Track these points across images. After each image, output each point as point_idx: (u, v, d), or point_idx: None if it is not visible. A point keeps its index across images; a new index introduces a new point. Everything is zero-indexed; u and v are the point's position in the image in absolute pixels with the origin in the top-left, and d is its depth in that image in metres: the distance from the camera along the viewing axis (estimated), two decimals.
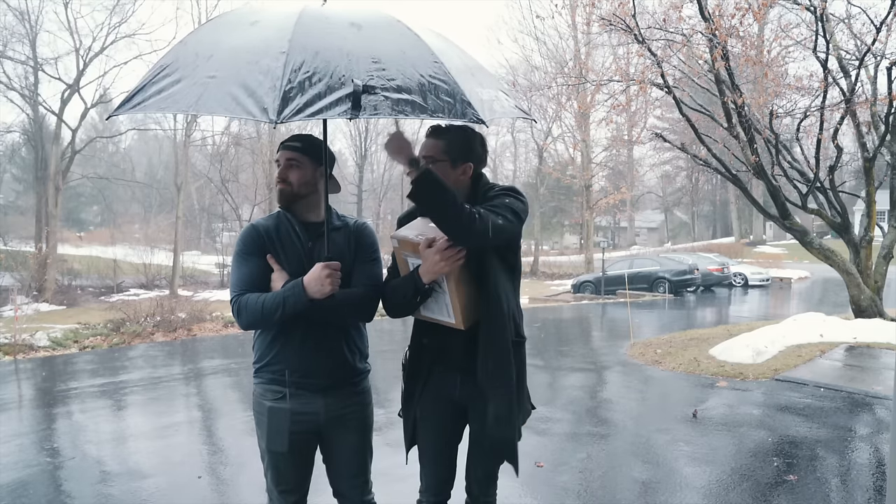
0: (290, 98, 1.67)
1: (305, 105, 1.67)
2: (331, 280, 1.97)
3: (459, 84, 1.85)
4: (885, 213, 10.40)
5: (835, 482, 3.89)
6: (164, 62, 1.90)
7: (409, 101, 1.78)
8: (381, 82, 1.76)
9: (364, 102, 1.72)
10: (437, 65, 1.87)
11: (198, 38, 2.00)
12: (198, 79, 1.79)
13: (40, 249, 23.10)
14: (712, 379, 6.71)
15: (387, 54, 1.85)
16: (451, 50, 2.06)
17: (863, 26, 8.64)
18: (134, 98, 1.86)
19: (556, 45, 30.47)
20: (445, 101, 1.82)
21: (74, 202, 45.16)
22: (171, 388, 7.10)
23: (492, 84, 2.15)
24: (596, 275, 22.42)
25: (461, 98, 1.83)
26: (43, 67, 25.35)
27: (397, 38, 1.94)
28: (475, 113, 1.82)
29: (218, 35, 2.00)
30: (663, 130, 20.37)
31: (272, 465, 2.18)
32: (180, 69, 1.84)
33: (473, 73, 2.06)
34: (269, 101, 1.66)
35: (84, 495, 3.90)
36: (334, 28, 1.91)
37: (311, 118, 1.68)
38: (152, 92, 1.83)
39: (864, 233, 9.25)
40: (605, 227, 54.25)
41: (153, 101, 1.82)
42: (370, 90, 1.73)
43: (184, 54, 1.91)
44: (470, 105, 1.82)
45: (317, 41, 1.81)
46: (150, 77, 1.87)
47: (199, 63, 1.85)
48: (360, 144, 46.13)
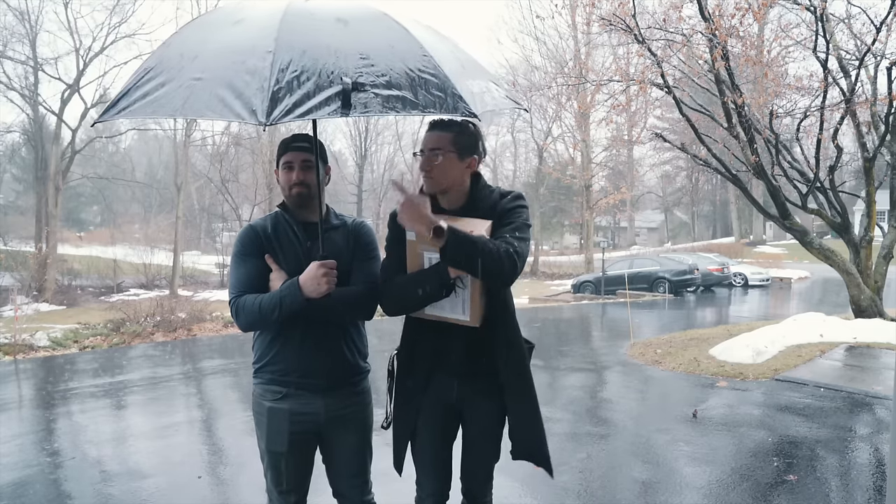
0: (279, 99, 1.63)
1: (294, 105, 1.64)
2: (327, 279, 1.95)
3: (450, 78, 1.82)
4: (885, 213, 10.40)
5: (835, 482, 3.88)
6: (147, 65, 1.86)
7: (399, 97, 1.75)
8: (370, 79, 1.73)
9: (354, 100, 1.70)
10: (426, 58, 1.83)
11: (181, 39, 1.96)
12: (183, 81, 1.75)
13: (40, 249, 23.12)
14: (712, 379, 6.71)
15: (375, 49, 1.81)
16: (440, 42, 2.02)
17: (863, 26, 8.65)
18: (119, 103, 1.82)
19: (556, 45, 30.51)
20: (436, 95, 1.79)
21: (74, 202, 45.16)
22: (171, 388, 7.10)
23: (482, 75, 2.11)
24: (596, 275, 22.42)
25: (452, 92, 1.80)
26: (43, 67, 25.41)
27: (385, 33, 1.90)
28: (466, 106, 1.79)
29: (202, 35, 1.95)
30: (663, 130, 20.37)
31: (272, 465, 2.17)
32: (165, 71, 1.80)
33: (464, 65, 2.03)
34: (258, 102, 1.62)
35: (84, 495, 3.90)
36: (320, 24, 1.87)
37: (300, 118, 1.65)
38: (137, 96, 1.79)
39: (864, 233, 9.25)
40: (605, 227, 54.24)
41: (138, 105, 1.78)
42: (360, 87, 1.71)
43: (168, 56, 1.87)
44: (461, 98, 1.79)
45: (303, 39, 1.78)
46: (135, 81, 1.83)
47: (183, 65, 1.80)
48: (360, 144, 46.14)
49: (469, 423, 2.17)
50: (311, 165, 2.10)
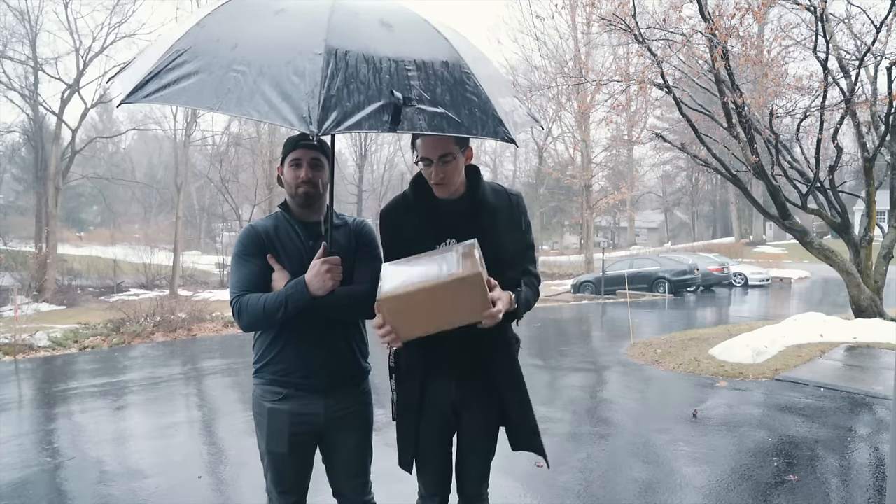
0: (330, 107, 1.53)
1: (345, 116, 1.55)
2: (331, 275, 1.93)
3: (490, 99, 1.76)
4: (885, 213, 10.40)
5: (835, 482, 3.89)
6: (179, 46, 1.70)
7: (444, 115, 1.69)
8: (416, 93, 1.67)
9: (402, 116, 1.63)
10: (467, 75, 1.78)
11: (216, 22, 1.78)
12: (222, 72, 1.63)
13: (40, 249, 23.11)
14: (712, 379, 6.71)
15: (420, 62, 1.74)
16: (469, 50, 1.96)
17: (863, 26, 8.64)
18: (148, 85, 1.65)
19: (556, 45, 30.50)
20: (479, 117, 1.73)
21: (74, 202, 45.17)
22: (171, 388, 7.10)
23: (507, 90, 2.07)
24: (596, 275, 22.42)
25: (493, 114, 1.75)
26: (43, 67, 25.42)
27: (429, 44, 1.83)
28: (506, 131, 1.74)
29: (240, 21, 1.80)
30: (663, 130, 20.38)
31: (272, 465, 2.17)
32: (200, 57, 1.67)
33: (492, 77, 1.97)
34: (308, 108, 1.52)
35: (84, 495, 3.90)
36: (366, 26, 1.80)
37: (350, 130, 1.58)
38: (169, 81, 1.64)
39: (864, 233, 9.26)
40: (605, 227, 54.25)
41: (171, 91, 1.64)
42: (407, 102, 1.64)
43: (203, 39, 1.72)
44: (501, 123, 1.74)
45: (351, 43, 1.69)
46: (165, 63, 1.67)
47: (221, 53, 1.67)
48: (360, 144, 46.13)
49: (467, 422, 2.17)
50: (319, 164, 2.08)
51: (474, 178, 2.10)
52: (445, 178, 1.99)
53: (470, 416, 2.15)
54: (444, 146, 1.96)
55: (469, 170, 2.10)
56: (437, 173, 1.99)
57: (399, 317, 1.78)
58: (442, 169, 1.98)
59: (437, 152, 1.96)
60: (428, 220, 2.08)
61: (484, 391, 2.12)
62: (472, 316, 1.80)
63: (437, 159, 1.97)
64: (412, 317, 1.78)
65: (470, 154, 2.07)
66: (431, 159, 1.98)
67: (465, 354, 2.06)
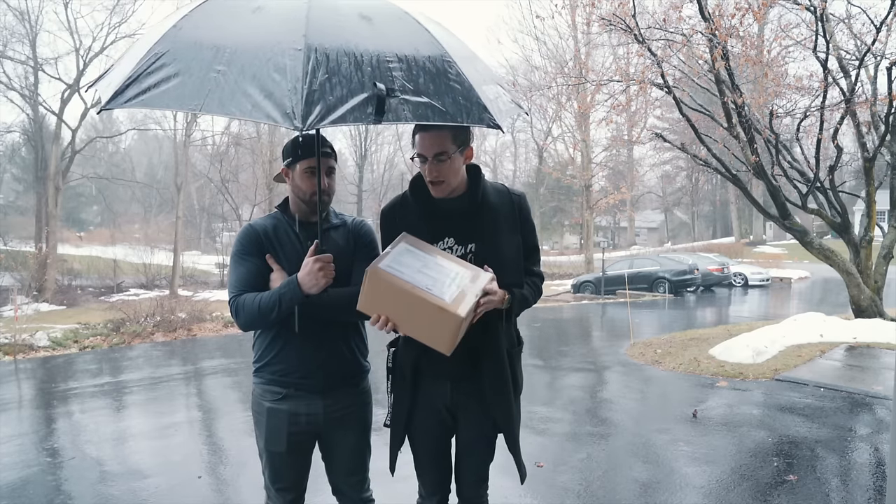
0: (313, 102, 1.54)
1: (329, 111, 1.56)
2: (324, 273, 1.93)
3: (474, 86, 1.78)
4: (885, 213, 10.40)
5: (835, 482, 3.89)
6: (157, 49, 1.69)
7: (428, 104, 1.70)
8: (399, 84, 1.68)
9: (386, 107, 1.64)
10: (449, 63, 1.79)
11: (194, 24, 1.77)
12: (202, 73, 1.63)
13: (40, 249, 23.13)
14: (712, 379, 6.71)
15: (401, 53, 1.75)
16: (453, 42, 1.97)
17: (863, 26, 8.64)
18: (128, 90, 1.64)
19: (556, 45, 30.47)
20: (463, 104, 1.74)
21: (74, 202, 45.20)
22: (171, 388, 7.10)
23: (491, 77, 2.07)
24: (596, 275, 22.42)
25: (476, 101, 1.76)
26: (43, 67, 25.45)
27: (409, 35, 1.85)
28: (491, 117, 1.75)
29: (217, 21, 1.79)
30: (663, 130, 20.38)
31: (270, 463, 2.18)
32: (179, 59, 1.66)
33: (476, 67, 1.98)
34: (291, 104, 1.53)
35: (84, 495, 3.90)
36: (346, 21, 1.80)
37: (334, 125, 1.58)
38: (149, 84, 1.64)
39: (864, 233, 9.26)
40: (605, 227, 54.25)
41: (151, 95, 1.63)
42: (391, 93, 1.65)
43: (181, 42, 1.71)
44: (486, 109, 1.76)
45: (331, 38, 1.69)
46: (144, 67, 1.66)
47: (200, 54, 1.66)
48: (360, 144, 46.17)
49: (464, 425, 2.15)
50: (333, 171, 2.12)
51: (475, 178, 2.09)
52: (440, 176, 1.98)
53: (466, 419, 2.14)
54: (439, 144, 1.94)
55: (470, 169, 2.09)
56: (430, 171, 1.98)
57: (374, 293, 1.84)
58: (436, 167, 1.97)
59: (432, 150, 1.95)
60: (426, 218, 2.07)
61: (479, 395, 2.09)
62: (435, 344, 1.85)
63: (431, 157, 1.96)
64: (384, 303, 1.84)
65: (470, 153, 2.05)
66: (426, 156, 1.97)
67: (461, 357, 2.02)
